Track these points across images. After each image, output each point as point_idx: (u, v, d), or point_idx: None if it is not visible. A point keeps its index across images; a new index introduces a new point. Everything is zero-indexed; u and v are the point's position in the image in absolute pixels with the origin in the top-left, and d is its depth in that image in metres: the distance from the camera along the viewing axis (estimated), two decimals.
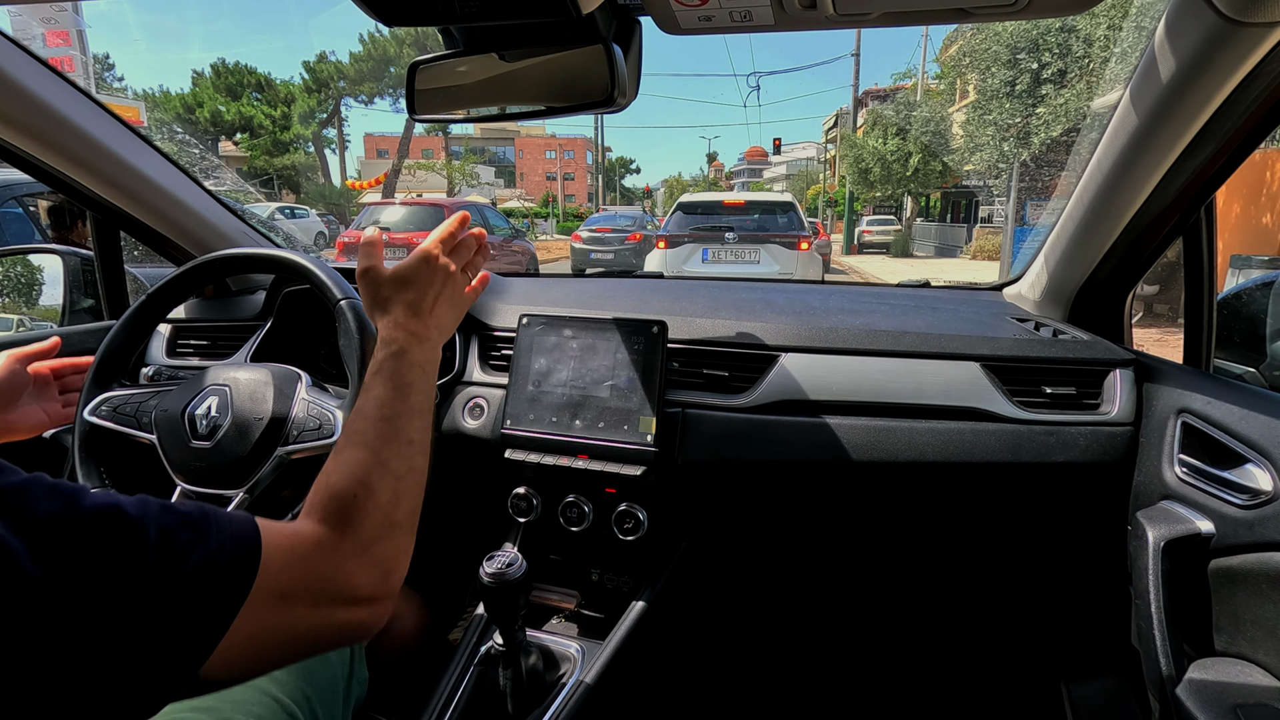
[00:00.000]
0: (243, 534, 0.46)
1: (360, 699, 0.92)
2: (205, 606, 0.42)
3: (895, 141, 18.21)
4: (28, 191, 2.88)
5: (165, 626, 0.40)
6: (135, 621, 0.39)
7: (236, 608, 0.43)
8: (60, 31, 8.47)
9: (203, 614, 0.42)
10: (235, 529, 0.46)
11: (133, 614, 0.39)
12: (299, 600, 0.47)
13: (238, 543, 0.45)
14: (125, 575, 0.39)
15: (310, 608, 0.48)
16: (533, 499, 1.10)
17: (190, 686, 0.43)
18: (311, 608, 0.48)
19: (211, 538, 0.44)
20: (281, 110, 24.97)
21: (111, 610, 0.38)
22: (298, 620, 0.47)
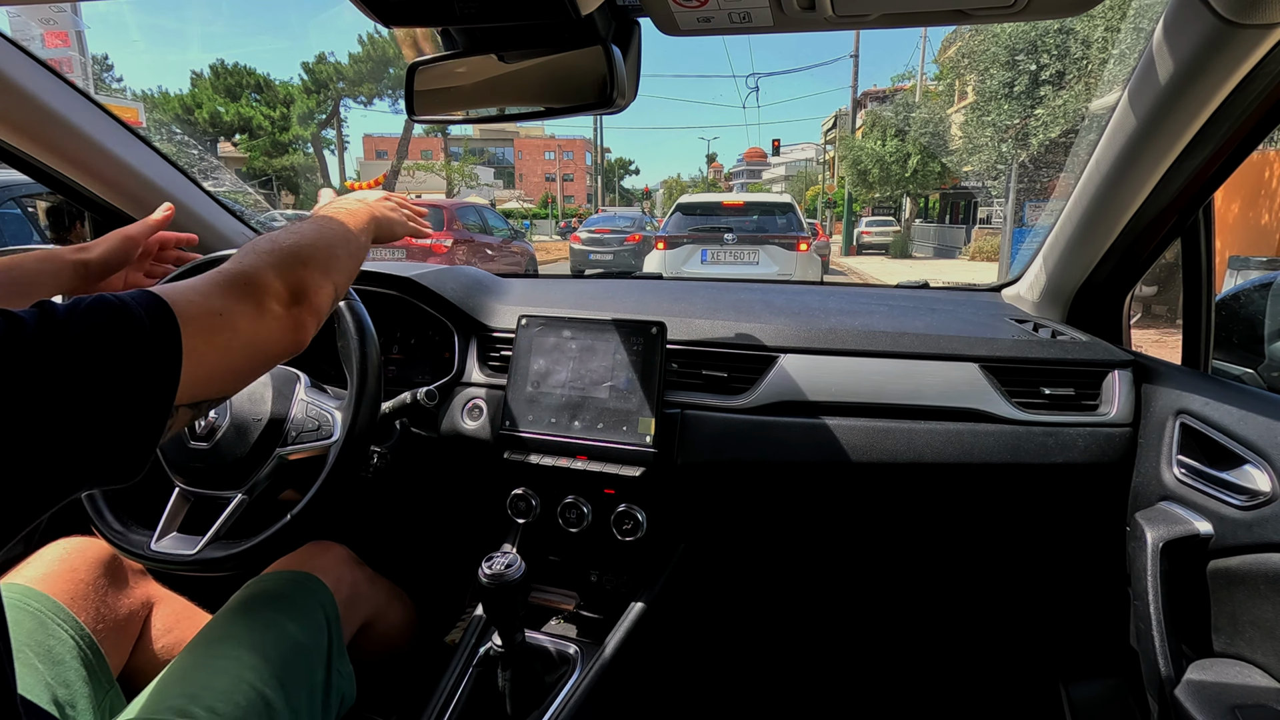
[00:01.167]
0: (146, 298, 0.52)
1: (350, 694, 0.92)
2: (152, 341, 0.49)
3: (894, 143, 18.23)
4: (26, 192, 2.88)
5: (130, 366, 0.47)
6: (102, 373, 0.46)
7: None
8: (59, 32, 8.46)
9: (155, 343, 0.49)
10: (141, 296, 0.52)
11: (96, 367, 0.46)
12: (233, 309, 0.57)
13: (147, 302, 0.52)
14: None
15: (249, 315, 0.58)
16: (531, 500, 1.10)
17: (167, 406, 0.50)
18: (250, 314, 0.58)
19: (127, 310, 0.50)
20: (280, 111, 24.96)
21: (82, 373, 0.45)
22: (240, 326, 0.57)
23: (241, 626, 0.84)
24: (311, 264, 0.67)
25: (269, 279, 0.61)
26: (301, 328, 0.64)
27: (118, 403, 0.47)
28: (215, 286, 0.58)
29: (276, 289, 0.62)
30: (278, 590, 0.92)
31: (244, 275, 0.60)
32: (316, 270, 0.67)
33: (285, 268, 0.64)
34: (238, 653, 0.79)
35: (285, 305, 0.62)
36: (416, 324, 1.30)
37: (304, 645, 0.86)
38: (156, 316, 0.50)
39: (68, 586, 0.88)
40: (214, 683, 0.75)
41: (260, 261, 0.62)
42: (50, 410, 0.43)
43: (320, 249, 0.70)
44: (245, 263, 0.62)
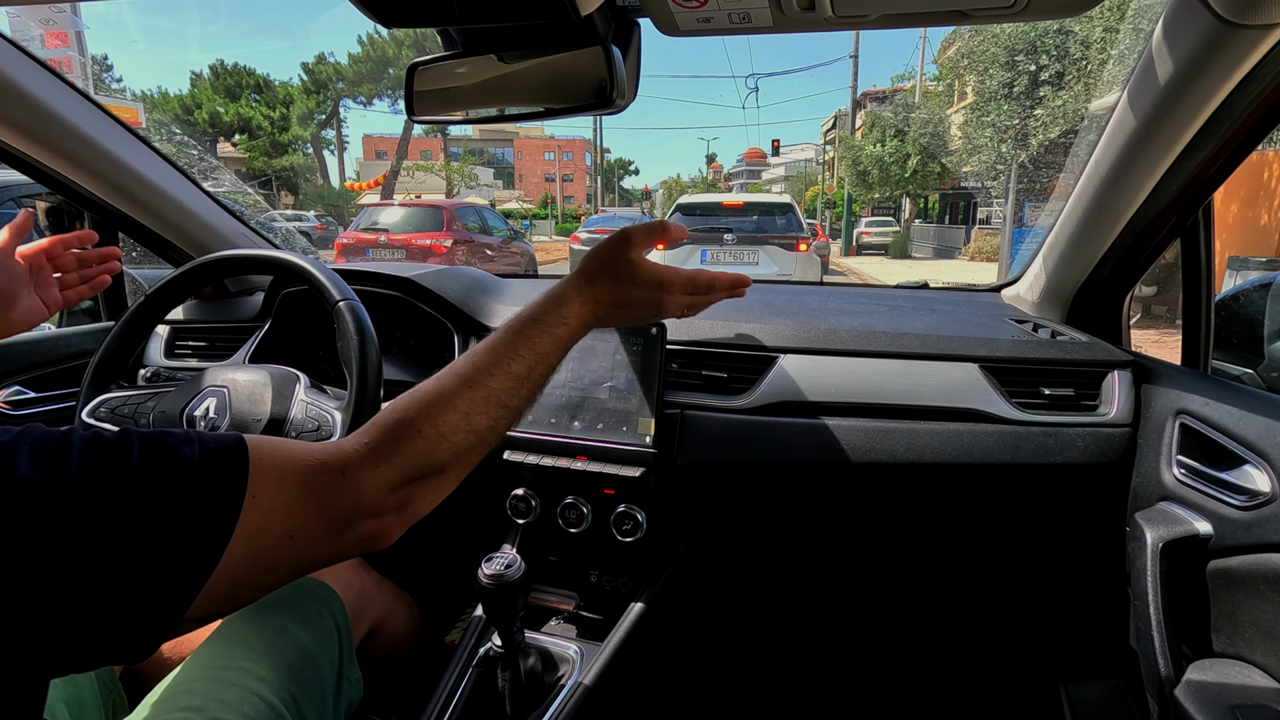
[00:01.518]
0: (228, 442, 0.45)
1: (356, 699, 0.92)
2: (197, 519, 0.42)
3: (894, 143, 18.24)
4: (26, 193, 2.87)
5: (161, 536, 0.40)
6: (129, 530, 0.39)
7: (232, 512, 0.43)
8: (59, 33, 8.46)
9: (199, 522, 0.42)
10: (220, 439, 0.45)
11: (124, 527, 0.39)
12: (305, 528, 0.47)
13: (223, 449, 0.45)
14: (112, 491, 0.39)
15: (320, 533, 0.48)
16: (531, 500, 1.10)
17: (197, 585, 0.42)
18: (320, 534, 0.48)
19: (194, 446, 0.44)
20: (280, 111, 24.97)
21: (100, 533, 0.38)
22: (304, 545, 0.47)
23: (252, 634, 0.82)
24: (449, 465, 0.54)
25: (382, 497, 0.50)
26: (383, 539, 0.52)
27: (147, 569, 0.40)
28: (310, 490, 0.47)
29: (382, 505, 0.50)
30: (286, 597, 0.90)
31: (354, 490, 0.49)
32: (452, 473, 0.55)
33: (413, 470, 0.52)
34: (247, 663, 0.77)
35: (376, 518, 0.51)
36: (416, 324, 1.29)
37: (315, 654, 0.84)
38: (224, 482, 0.42)
39: None
40: (222, 694, 0.73)
41: (386, 474, 0.50)
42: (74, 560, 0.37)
43: (489, 435, 0.57)
44: (369, 459, 0.49)
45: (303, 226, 16.04)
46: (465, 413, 0.56)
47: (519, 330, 0.63)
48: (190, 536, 0.41)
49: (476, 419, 0.56)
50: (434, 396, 0.56)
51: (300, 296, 1.22)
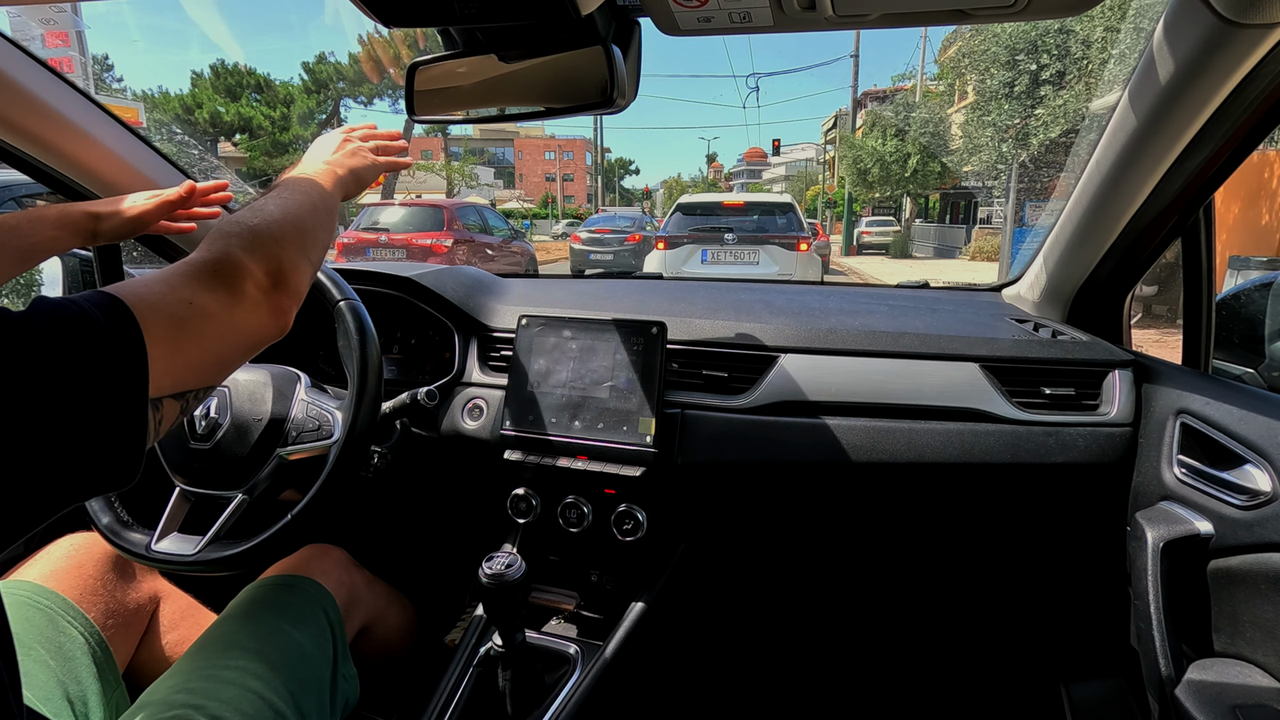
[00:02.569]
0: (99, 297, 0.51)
1: (353, 697, 0.92)
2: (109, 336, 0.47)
3: (894, 143, 18.23)
4: (26, 192, 2.88)
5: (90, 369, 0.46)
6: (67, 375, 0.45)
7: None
8: (59, 32, 8.46)
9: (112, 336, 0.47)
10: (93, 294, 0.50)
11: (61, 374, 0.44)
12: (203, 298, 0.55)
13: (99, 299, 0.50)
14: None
15: (221, 304, 0.56)
16: (532, 500, 1.10)
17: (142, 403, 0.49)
18: (222, 303, 0.56)
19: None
20: (281, 111, 24.95)
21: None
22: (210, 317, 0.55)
23: (245, 634, 0.83)
24: (284, 241, 0.64)
25: (241, 262, 0.59)
26: (282, 311, 0.62)
27: (88, 407, 0.45)
28: (182, 277, 0.56)
29: (251, 272, 0.59)
30: (279, 596, 0.91)
31: (213, 262, 0.58)
32: (291, 247, 0.64)
33: (257, 249, 0.61)
34: (242, 661, 0.78)
35: (263, 289, 0.60)
36: (417, 324, 1.30)
37: (309, 651, 0.85)
38: (112, 315, 0.48)
39: (76, 583, 0.88)
40: (220, 692, 0.74)
41: (229, 245, 0.60)
42: (19, 422, 0.42)
43: (290, 224, 0.67)
44: (214, 249, 0.59)
45: None
46: (270, 207, 0.66)
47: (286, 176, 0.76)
48: (107, 351, 0.47)
49: (274, 205, 0.67)
50: (245, 209, 0.66)
51: None
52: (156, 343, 0.50)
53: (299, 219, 0.68)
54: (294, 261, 0.64)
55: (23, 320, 0.45)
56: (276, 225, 0.65)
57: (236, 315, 0.58)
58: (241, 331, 0.58)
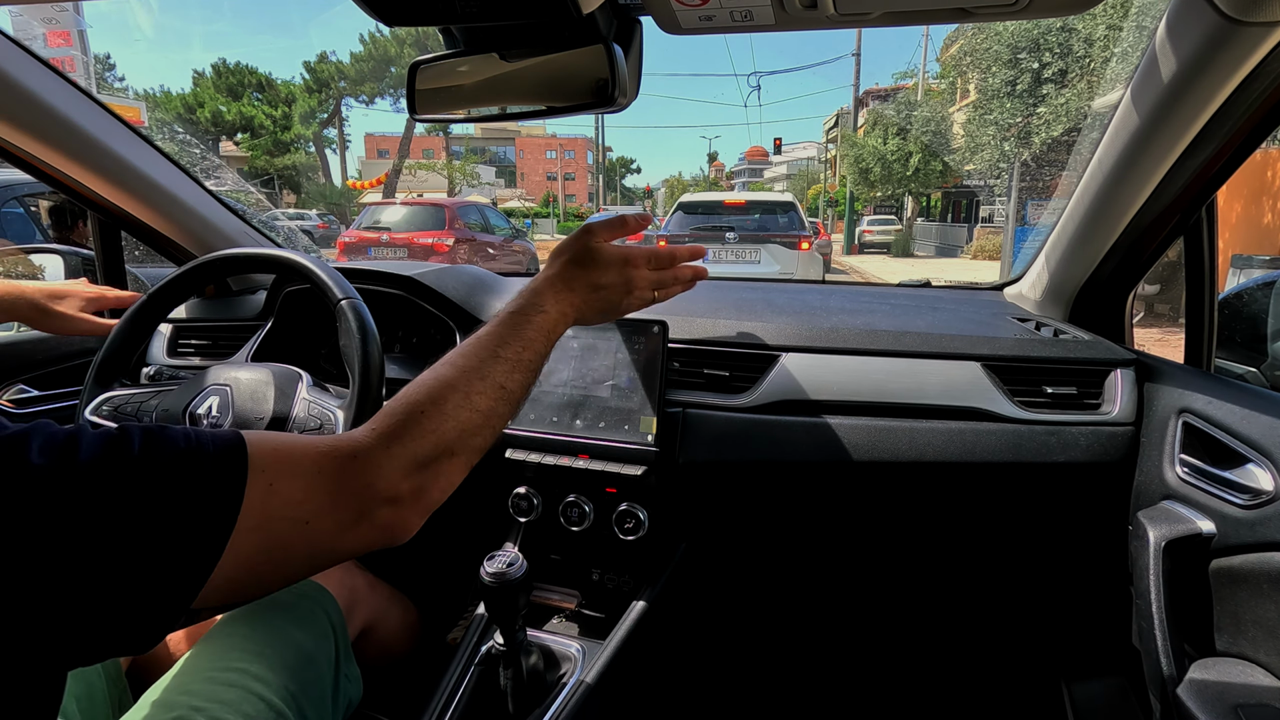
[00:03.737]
0: (226, 433, 0.46)
1: (356, 697, 0.92)
2: (199, 509, 0.42)
3: (896, 141, 18.20)
4: (29, 192, 2.88)
5: (160, 530, 0.40)
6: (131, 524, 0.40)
7: (233, 504, 0.43)
8: (61, 31, 8.47)
9: (201, 512, 0.42)
10: (218, 432, 0.46)
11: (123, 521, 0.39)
12: (320, 515, 0.47)
13: (220, 438, 0.45)
14: (116, 484, 0.40)
15: (334, 521, 0.48)
16: (533, 499, 1.10)
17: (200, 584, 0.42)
18: (336, 520, 0.48)
19: (197, 441, 0.44)
20: (282, 110, 24.98)
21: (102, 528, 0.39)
22: (320, 533, 0.48)
23: (246, 635, 0.82)
24: (460, 449, 0.55)
25: (396, 481, 0.50)
26: (401, 530, 0.53)
27: (145, 573, 0.40)
28: (323, 475, 0.47)
29: (398, 490, 0.51)
30: (280, 597, 0.91)
31: (368, 474, 0.49)
32: (462, 456, 0.56)
33: (427, 456, 0.52)
34: (243, 663, 0.78)
35: (393, 506, 0.51)
36: (419, 323, 1.30)
37: (311, 653, 0.85)
38: (222, 491, 0.43)
39: None
40: (221, 694, 0.74)
41: (399, 456, 0.51)
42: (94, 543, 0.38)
43: (492, 416, 0.58)
44: (386, 444, 0.50)
45: (305, 225, 16.08)
46: (466, 393, 0.58)
47: (503, 322, 0.66)
48: (194, 523, 0.42)
49: (477, 399, 0.58)
50: (435, 383, 0.58)
51: (302, 295, 1.22)
52: (235, 550, 0.43)
53: (506, 402, 0.60)
54: (449, 470, 0.56)
55: (146, 449, 0.41)
56: (474, 418, 0.57)
57: (342, 541, 0.49)
58: (324, 557, 0.50)
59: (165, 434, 0.44)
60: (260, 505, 0.44)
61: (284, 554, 0.46)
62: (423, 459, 0.53)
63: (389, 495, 0.51)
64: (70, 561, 0.38)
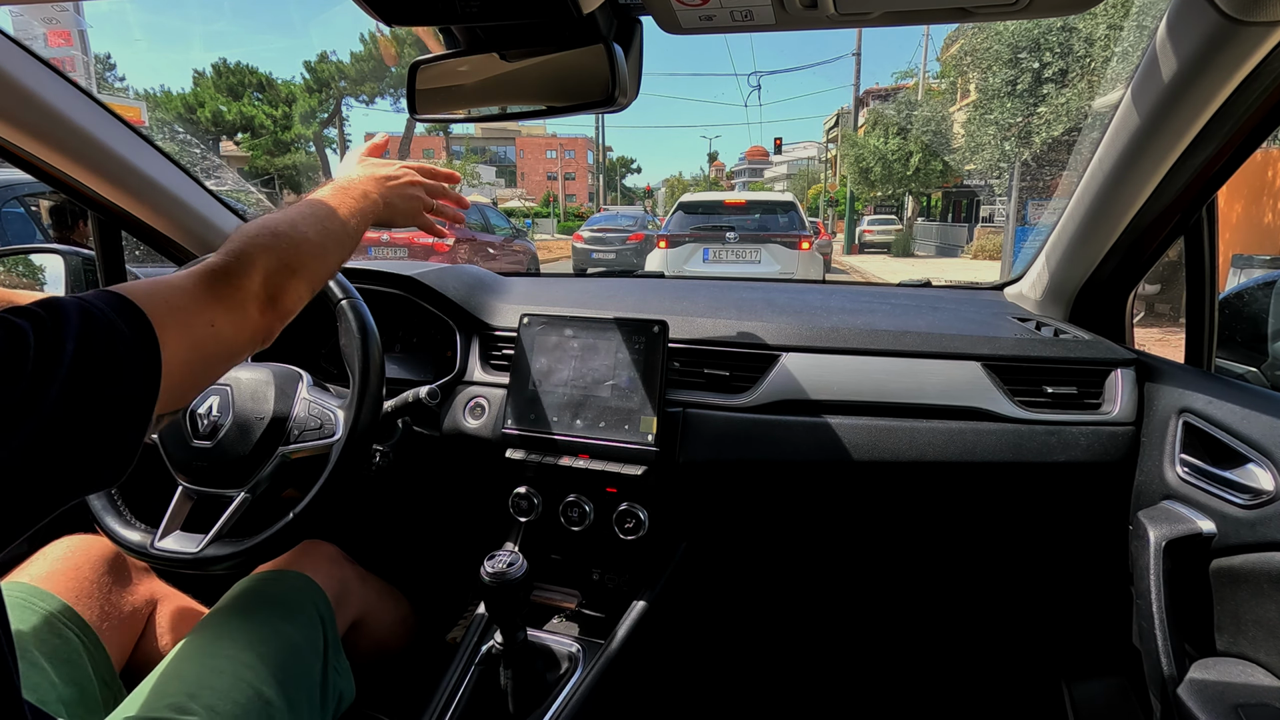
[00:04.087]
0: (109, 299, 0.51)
1: (348, 690, 0.92)
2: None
3: (896, 141, 18.19)
4: (29, 191, 2.88)
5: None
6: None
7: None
8: (62, 31, 8.47)
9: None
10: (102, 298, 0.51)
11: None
12: (207, 301, 0.57)
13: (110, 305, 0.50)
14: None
15: (218, 304, 0.57)
16: (533, 498, 1.10)
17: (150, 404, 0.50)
18: (219, 304, 0.57)
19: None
20: (283, 110, 24.97)
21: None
22: (215, 318, 0.57)
23: (236, 626, 0.84)
24: (298, 267, 0.65)
25: (254, 281, 0.60)
26: (269, 334, 0.63)
27: (102, 415, 0.46)
28: (201, 288, 0.57)
29: (257, 292, 0.60)
30: (270, 590, 0.92)
31: (232, 276, 0.59)
32: (303, 275, 0.65)
33: (272, 269, 0.62)
34: (234, 651, 0.79)
35: (260, 310, 0.61)
36: (419, 323, 1.30)
37: (300, 644, 0.86)
38: (136, 327, 0.49)
39: (72, 585, 0.88)
40: (212, 681, 0.75)
41: (252, 261, 0.61)
42: (42, 417, 0.43)
43: (311, 247, 0.67)
44: (239, 260, 0.60)
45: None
46: (293, 223, 0.67)
47: (326, 188, 0.78)
48: (134, 365, 0.49)
49: (306, 228, 0.68)
50: (278, 219, 0.67)
51: None
52: (171, 360, 0.51)
53: (321, 242, 0.69)
54: (297, 288, 0.65)
55: (62, 317, 0.45)
56: (298, 245, 0.66)
57: (234, 332, 0.58)
58: (230, 349, 0.59)
59: (84, 309, 0.48)
60: (183, 326, 0.53)
61: (209, 353, 0.56)
62: (273, 270, 0.62)
63: (257, 296, 0.60)
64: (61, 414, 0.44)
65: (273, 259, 0.63)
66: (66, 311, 0.46)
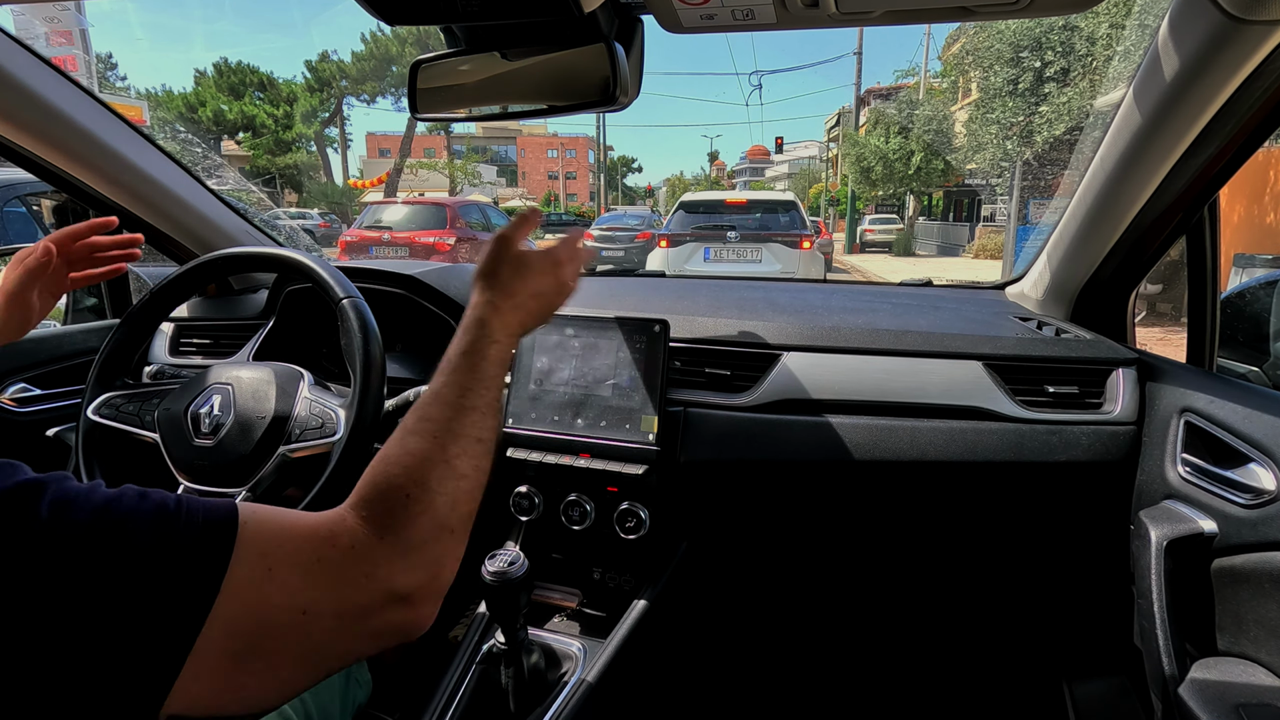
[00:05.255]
0: (219, 512, 0.41)
1: (363, 701, 0.92)
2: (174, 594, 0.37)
3: (897, 140, 18.16)
4: (31, 191, 2.88)
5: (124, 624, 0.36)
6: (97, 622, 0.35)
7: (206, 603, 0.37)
8: (63, 31, 8.48)
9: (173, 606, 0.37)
10: (209, 508, 0.41)
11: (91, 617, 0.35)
12: (321, 606, 0.42)
13: (210, 521, 0.40)
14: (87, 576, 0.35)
15: (336, 614, 0.43)
16: (534, 498, 1.10)
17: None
18: (337, 614, 0.43)
19: (180, 520, 0.39)
20: (284, 109, 24.99)
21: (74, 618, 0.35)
22: (320, 629, 0.42)
23: None
24: (458, 520, 0.52)
25: (400, 575, 0.46)
26: (417, 626, 0.48)
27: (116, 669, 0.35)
28: (323, 565, 0.43)
29: (406, 585, 0.46)
30: None
31: (366, 565, 0.45)
32: (461, 528, 0.53)
33: (424, 540, 0.48)
34: None
35: (404, 603, 0.46)
36: (420, 322, 1.30)
37: None
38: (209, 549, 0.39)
39: None
40: None
41: (396, 544, 0.47)
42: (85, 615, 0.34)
43: (477, 475, 0.54)
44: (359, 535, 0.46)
45: (306, 224, 16.10)
46: (447, 462, 0.53)
47: (458, 367, 0.60)
48: (167, 597, 0.37)
49: (459, 464, 0.54)
50: (411, 459, 0.52)
51: (304, 294, 1.22)
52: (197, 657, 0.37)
53: (485, 456, 0.56)
54: (459, 549, 0.52)
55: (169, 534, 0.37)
56: (459, 486, 0.53)
57: (348, 635, 0.44)
58: (327, 649, 0.44)
59: (153, 500, 0.40)
60: (248, 587, 0.39)
61: (273, 644, 0.40)
62: (419, 544, 0.49)
63: (399, 592, 0.46)
64: (55, 625, 0.34)
65: (421, 523, 0.50)
66: (145, 505, 0.38)
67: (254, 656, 0.39)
